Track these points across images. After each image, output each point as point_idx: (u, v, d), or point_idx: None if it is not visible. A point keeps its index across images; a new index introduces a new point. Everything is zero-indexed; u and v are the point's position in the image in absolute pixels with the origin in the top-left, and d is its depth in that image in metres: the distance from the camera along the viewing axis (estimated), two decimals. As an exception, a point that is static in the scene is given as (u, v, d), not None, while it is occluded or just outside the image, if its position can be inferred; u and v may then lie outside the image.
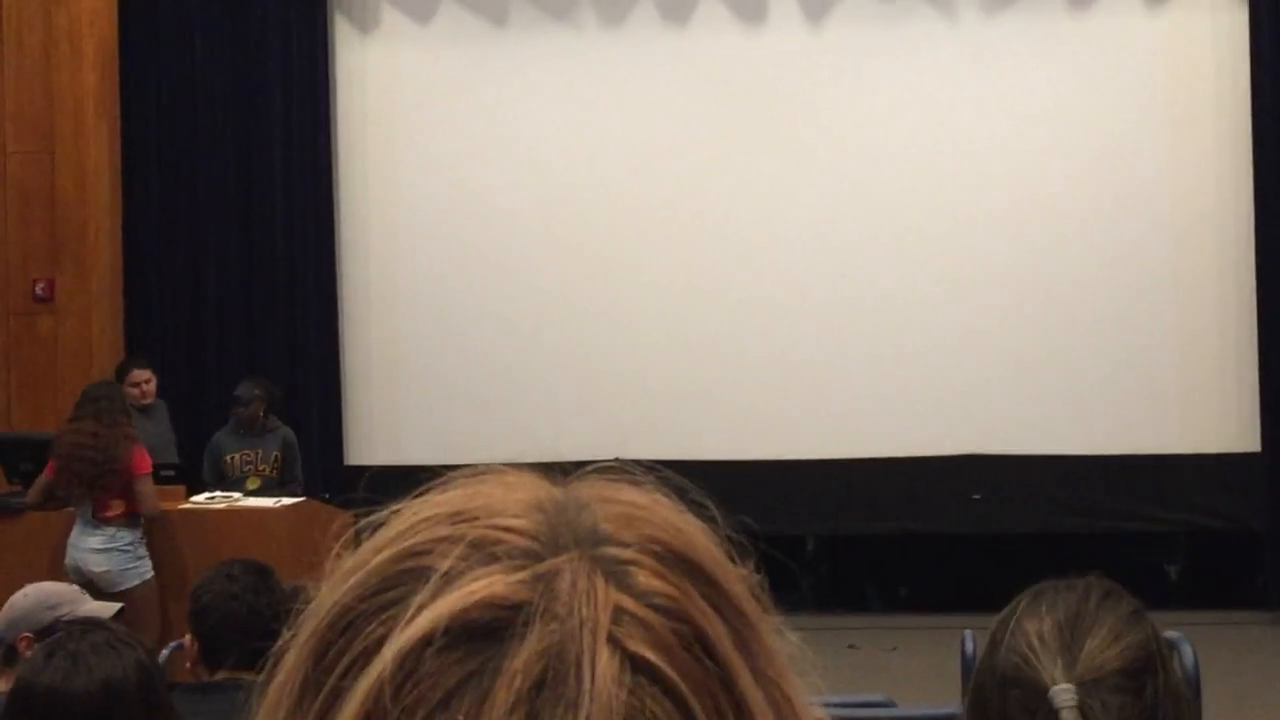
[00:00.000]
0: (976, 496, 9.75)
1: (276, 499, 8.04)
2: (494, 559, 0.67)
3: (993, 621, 1.91)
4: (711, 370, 10.14)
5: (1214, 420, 9.95)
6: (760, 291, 10.17)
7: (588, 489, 0.73)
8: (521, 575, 0.66)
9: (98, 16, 10.26)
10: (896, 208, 10.12)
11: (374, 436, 10.30)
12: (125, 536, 7.69)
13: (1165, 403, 9.95)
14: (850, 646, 9.07)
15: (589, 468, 0.77)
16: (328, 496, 8.01)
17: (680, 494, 0.76)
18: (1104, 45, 10.14)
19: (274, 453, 8.91)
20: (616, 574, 0.67)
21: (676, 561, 0.69)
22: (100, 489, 7.68)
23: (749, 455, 9.98)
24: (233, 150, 10.46)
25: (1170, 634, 3.94)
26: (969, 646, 4.07)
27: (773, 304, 10.15)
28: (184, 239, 10.45)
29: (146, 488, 7.71)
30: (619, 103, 10.37)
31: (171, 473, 8.33)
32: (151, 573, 7.71)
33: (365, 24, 10.63)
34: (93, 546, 7.71)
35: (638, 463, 0.78)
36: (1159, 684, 1.81)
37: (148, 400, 9.25)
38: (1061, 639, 1.81)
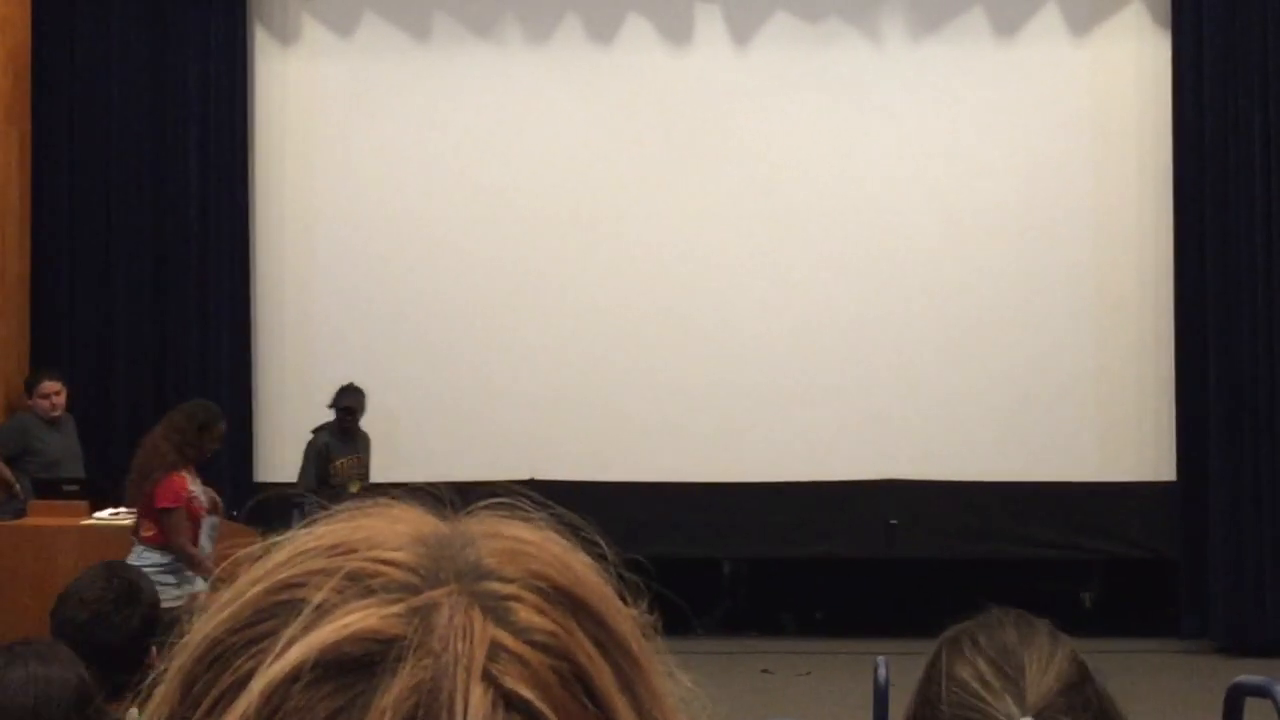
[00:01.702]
0: (893, 522, 9.75)
1: (114, 509, 7.91)
2: (370, 592, 0.66)
3: (918, 670, 1.87)
4: (628, 392, 10.08)
5: (1130, 449, 9.99)
6: (678, 314, 10.12)
7: (476, 524, 0.72)
8: (397, 609, 0.65)
9: (9, 23, 10.08)
10: (817, 232, 10.10)
11: (285, 453, 10.15)
12: (151, 557, 7.35)
13: (1082, 431, 9.98)
14: (764, 671, 9.02)
15: (481, 503, 0.75)
16: (235, 515, 7.86)
17: (574, 532, 0.74)
18: (1029, 73, 10.18)
19: (368, 457, 9.21)
20: (496, 609, 0.66)
21: (561, 598, 0.68)
22: (136, 497, 7.46)
23: (664, 478, 9.93)
24: (147, 161, 10.28)
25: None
26: (881, 673, 4.03)
27: (690, 327, 10.11)
28: (95, 250, 10.26)
29: (167, 522, 7.35)
30: (542, 120, 10.30)
31: (75, 487, 8.15)
32: (178, 602, 7.44)
33: (285, 36, 10.50)
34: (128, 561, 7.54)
35: (528, 495, 0.77)
36: (1092, 689, 1.81)
37: (57, 413, 9.07)
38: (1003, 676, 1.79)
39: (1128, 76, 10.17)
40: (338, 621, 0.64)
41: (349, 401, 9.12)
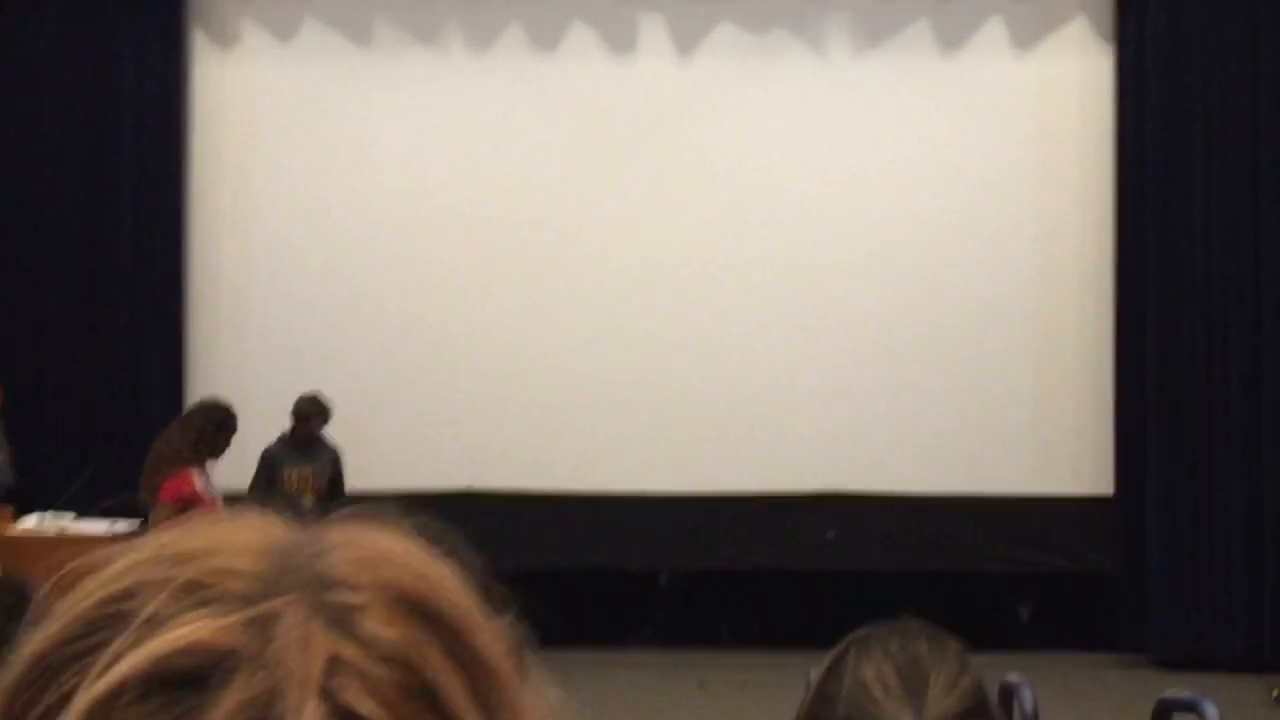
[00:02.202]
0: (831, 534, 9.73)
1: (109, 525, 7.76)
2: (206, 602, 0.63)
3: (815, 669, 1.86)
4: (566, 401, 10.02)
5: (1068, 463, 10.02)
6: (618, 322, 10.07)
7: (335, 532, 0.70)
8: (233, 620, 0.63)
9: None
10: (757, 244, 10.08)
11: (220, 463, 10.01)
12: None
13: (1020, 444, 10.00)
14: (700, 684, 8.97)
15: (345, 509, 0.73)
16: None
17: (441, 540, 0.72)
18: (973, 87, 10.21)
19: (327, 469, 8.81)
20: (340, 620, 0.64)
21: (414, 609, 0.66)
22: (146, 490, 7.39)
23: (602, 489, 9.87)
24: (81, 166, 10.12)
25: (1011, 677, 3.90)
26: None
27: (630, 335, 10.06)
28: (26, 256, 10.07)
29: (159, 514, 7.27)
30: (484, 127, 10.24)
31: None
32: None
33: (225, 40, 10.38)
34: None
35: (395, 504, 0.76)
36: None
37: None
38: (906, 686, 1.78)
39: (1071, 91, 10.20)
40: (169, 634, 0.62)
41: (297, 407, 8.88)
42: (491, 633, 0.68)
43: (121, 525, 7.70)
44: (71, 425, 9.80)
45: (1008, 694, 3.85)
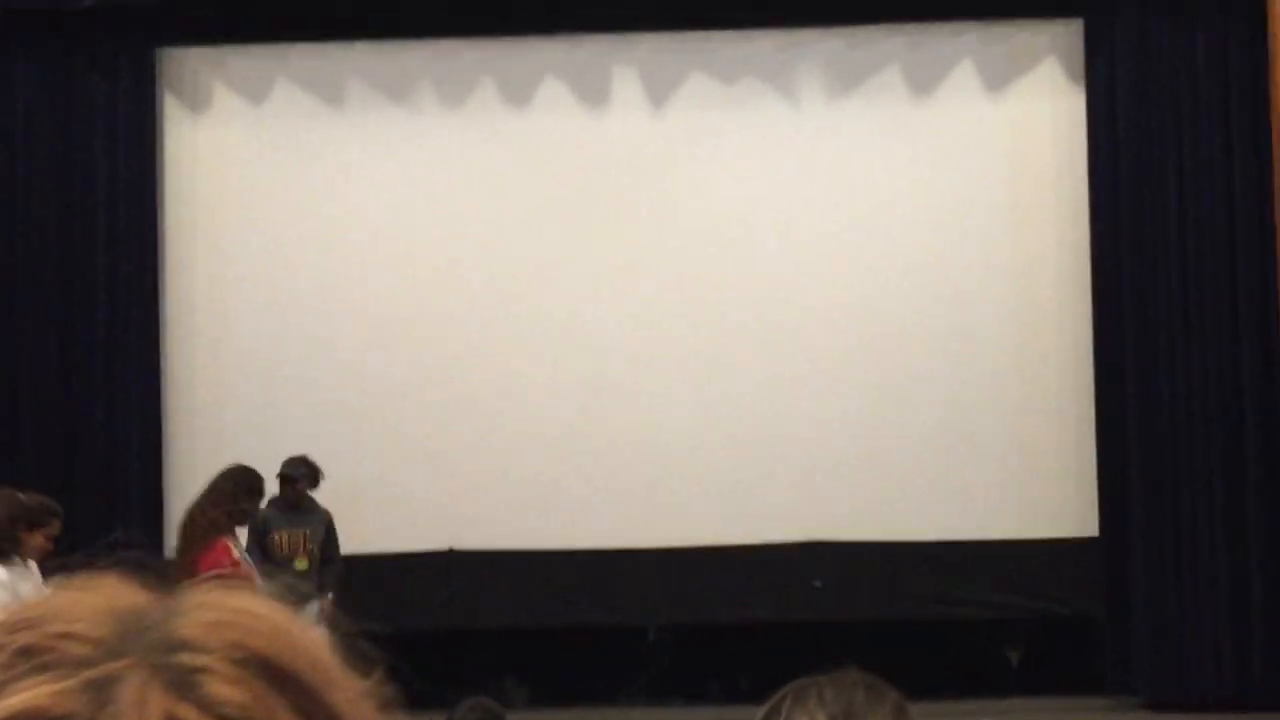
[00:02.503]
0: (818, 583, 9.67)
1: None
2: (44, 668, 0.64)
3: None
4: (548, 457, 9.96)
5: (1053, 506, 9.98)
6: (600, 377, 10.04)
7: (191, 596, 0.70)
8: (70, 684, 0.63)
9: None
10: (738, 292, 10.06)
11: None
12: None
13: (1005, 488, 9.96)
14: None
15: (212, 574, 0.72)
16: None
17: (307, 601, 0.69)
18: (946, 130, 10.22)
19: (319, 531, 8.76)
20: (182, 682, 0.64)
21: (263, 669, 0.66)
22: (181, 564, 7.30)
23: (588, 545, 9.82)
24: (53, 231, 10.07)
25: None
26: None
27: (611, 389, 10.03)
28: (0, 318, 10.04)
29: None
30: (458, 185, 10.22)
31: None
32: None
33: (196, 103, 10.36)
34: None
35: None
36: None
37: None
38: None
39: (1044, 131, 10.22)
40: (5, 700, 0.62)
41: (284, 470, 8.80)
42: (350, 692, 0.69)
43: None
44: (49, 491, 9.71)
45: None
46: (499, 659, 9.78)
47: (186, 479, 10.02)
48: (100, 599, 0.68)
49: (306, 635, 0.69)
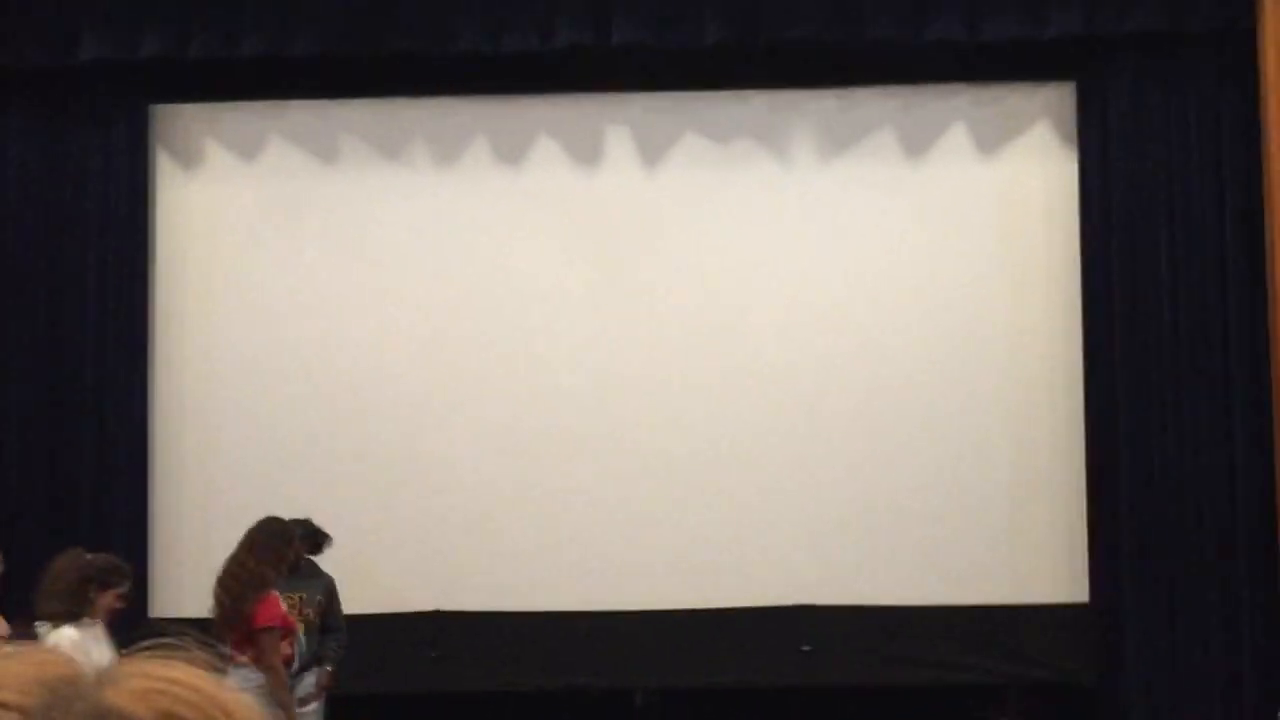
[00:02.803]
0: (806, 648, 9.62)
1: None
2: None
3: None
4: (538, 520, 9.93)
5: (1044, 571, 9.93)
6: (590, 438, 10.01)
7: (126, 665, 0.72)
8: None
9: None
10: (728, 353, 10.05)
11: (184, 586, 9.90)
12: (256, 679, 7.36)
13: (995, 553, 9.92)
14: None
15: (144, 644, 0.76)
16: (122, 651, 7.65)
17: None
18: (938, 192, 10.22)
19: (318, 597, 8.60)
20: None
21: None
22: (226, 625, 7.41)
23: (575, 607, 9.77)
24: (42, 290, 10.05)
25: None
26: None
27: (601, 450, 10.00)
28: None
29: (265, 641, 7.40)
30: (451, 242, 10.22)
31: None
32: None
33: (188, 160, 10.36)
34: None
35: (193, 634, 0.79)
36: None
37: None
38: None
39: (1036, 193, 10.23)
40: None
41: (311, 537, 8.72)
42: None
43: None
44: (32, 545, 9.67)
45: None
46: (485, 721, 9.74)
47: (173, 542, 10.01)
48: (30, 668, 0.69)
49: (238, 705, 0.70)
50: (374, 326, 10.11)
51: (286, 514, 9.14)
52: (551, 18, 9.74)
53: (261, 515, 9.23)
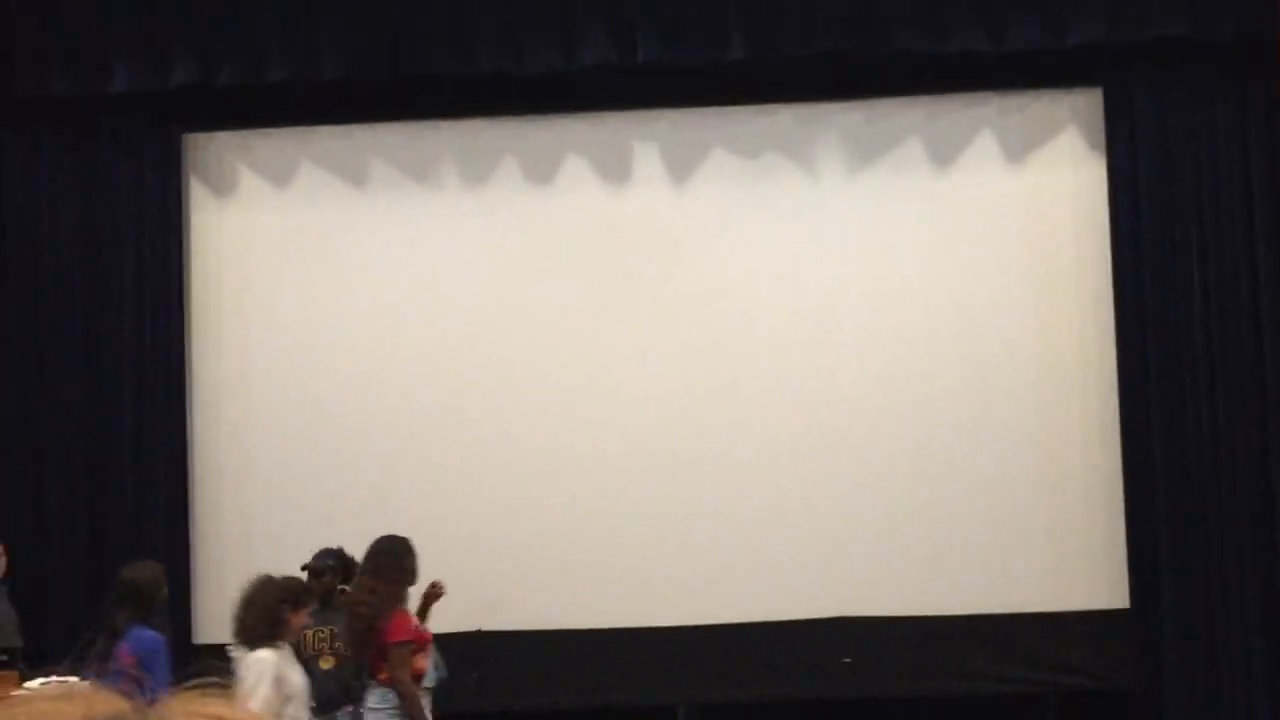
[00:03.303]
0: (846, 660, 9.63)
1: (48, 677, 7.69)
2: None
3: None
4: (577, 537, 9.96)
5: (1082, 577, 9.92)
6: (620, 453, 10.04)
7: (173, 702, 0.73)
8: None
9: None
10: (760, 367, 10.07)
11: (226, 614, 9.95)
12: (392, 699, 7.59)
13: (1033, 561, 9.90)
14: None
15: (191, 682, 0.79)
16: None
17: None
18: (967, 201, 10.22)
19: (348, 631, 8.31)
20: None
21: None
22: (364, 648, 7.62)
23: (616, 623, 9.79)
24: (80, 316, 10.14)
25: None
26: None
27: (636, 466, 10.02)
28: (25, 413, 10.05)
29: (395, 656, 7.60)
30: (482, 264, 10.26)
31: (5, 657, 7.96)
32: None
33: (221, 187, 10.44)
34: (369, 705, 7.70)
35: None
36: None
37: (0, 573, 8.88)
38: None
39: (1064, 200, 10.22)
40: None
41: (311, 562, 8.57)
42: None
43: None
44: (77, 587, 9.75)
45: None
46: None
47: (211, 566, 10.06)
48: (78, 708, 0.70)
49: None
50: (406, 348, 10.16)
51: (321, 538, 9.20)
52: (575, 37, 9.79)
53: (300, 540, 9.31)
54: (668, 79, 10.08)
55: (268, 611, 7.26)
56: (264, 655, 7.16)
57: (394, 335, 10.18)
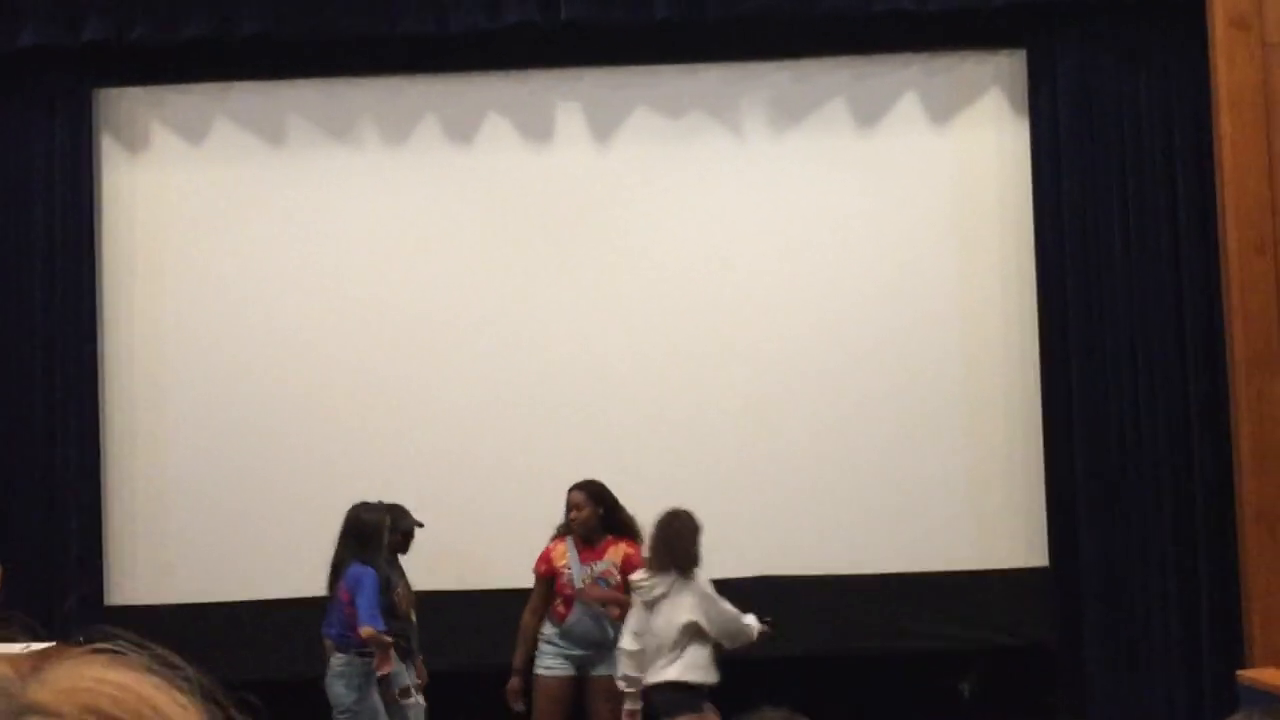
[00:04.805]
0: (768, 619, 9.58)
1: (25, 644, 7.55)
2: None
3: None
4: (508, 494, 9.87)
5: (1003, 536, 9.96)
6: (546, 410, 9.97)
7: (58, 665, 0.74)
8: None
9: None
10: (683, 328, 10.02)
11: (138, 574, 9.81)
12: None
13: (955, 519, 9.93)
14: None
15: (83, 645, 0.79)
16: (82, 640, 7.58)
17: (172, 670, 0.77)
18: (891, 162, 10.21)
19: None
20: None
21: None
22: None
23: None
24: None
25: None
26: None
27: (556, 424, 9.95)
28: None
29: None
30: (403, 221, 10.15)
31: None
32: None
33: (133, 144, 10.25)
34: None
35: (127, 636, 0.82)
36: None
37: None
38: None
39: (988, 161, 10.22)
40: None
41: (409, 524, 8.67)
42: None
43: (34, 645, 7.48)
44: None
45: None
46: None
47: (126, 529, 9.92)
48: None
49: (159, 699, 0.72)
50: (325, 308, 10.04)
51: (241, 500, 9.09)
52: (499, -5, 9.67)
53: (214, 498, 9.16)
54: (591, 38, 9.99)
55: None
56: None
57: (311, 294, 10.06)
